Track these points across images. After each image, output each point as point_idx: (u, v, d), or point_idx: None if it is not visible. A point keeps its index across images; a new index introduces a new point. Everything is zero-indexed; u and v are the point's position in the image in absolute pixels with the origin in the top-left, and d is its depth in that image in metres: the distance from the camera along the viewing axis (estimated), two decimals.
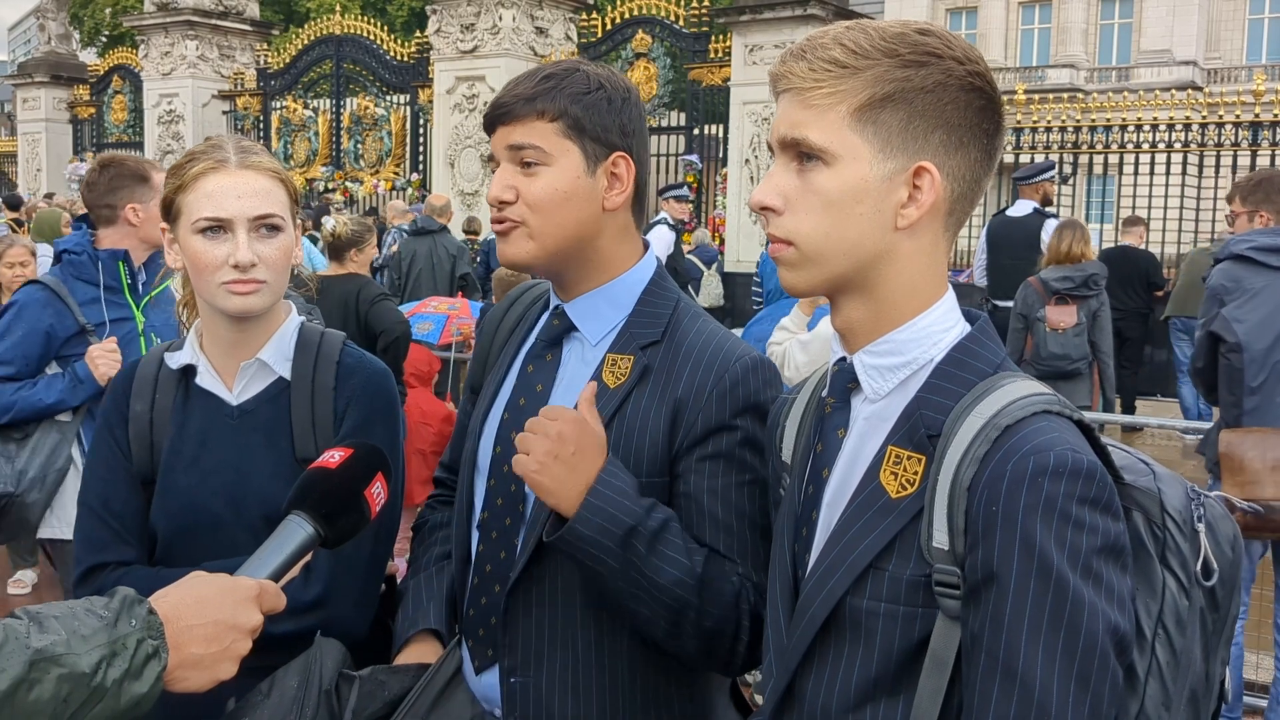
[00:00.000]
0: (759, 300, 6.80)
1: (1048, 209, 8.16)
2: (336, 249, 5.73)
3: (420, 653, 1.74)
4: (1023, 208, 8.10)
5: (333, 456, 1.53)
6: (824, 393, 1.37)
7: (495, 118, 1.64)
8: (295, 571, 1.79)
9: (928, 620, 1.18)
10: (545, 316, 1.75)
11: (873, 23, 1.28)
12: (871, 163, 1.24)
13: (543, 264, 1.65)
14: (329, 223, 5.76)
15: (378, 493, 1.54)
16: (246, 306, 1.79)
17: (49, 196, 15.89)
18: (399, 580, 1.96)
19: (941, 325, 1.29)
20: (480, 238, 11.90)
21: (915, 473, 1.21)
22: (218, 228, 1.77)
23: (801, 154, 1.27)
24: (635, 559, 1.48)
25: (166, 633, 1.27)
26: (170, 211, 1.83)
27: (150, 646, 1.24)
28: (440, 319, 7.90)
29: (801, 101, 1.26)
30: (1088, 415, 6.62)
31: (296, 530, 1.46)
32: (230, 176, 1.78)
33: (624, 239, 1.69)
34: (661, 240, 9.85)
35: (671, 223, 10.22)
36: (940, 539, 1.16)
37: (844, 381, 1.33)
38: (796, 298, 4.06)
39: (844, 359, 1.33)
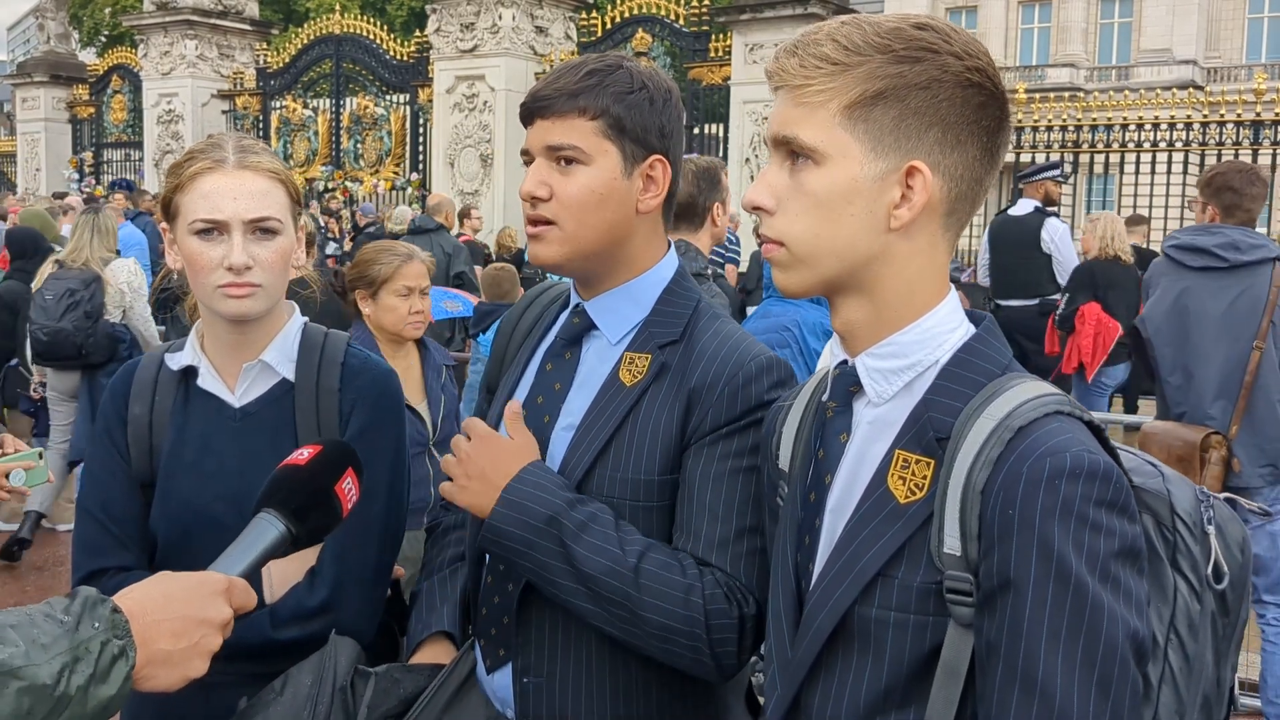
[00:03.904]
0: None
1: (1049, 208, 8.15)
2: (309, 243, 5.80)
3: (433, 655, 1.73)
4: (1024, 206, 8.11)
5: (302, 454, 1.51)
6: (824, 397, 1.34)
7: (534, 109, 1.61)
8: (299, 577, 1.79)
9: (939, 629, 1.15)
10: (565, 315, 1.74)
11: (869, 17, 1.24)
12: (863, 162, 1.21)
13: (573, 265, 1.63)
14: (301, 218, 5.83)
15: (349, 489, 1.53)
16: (241, 310, 1.76)
17: (59, 195, 15.81)
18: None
19: (946, 326, 1.26)
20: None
21: (924, 477, 1.18)
22: (213, 229, 1.74)
23: (793, 153, 1.24)
24: (559, 548, 1.49)
25: (133, 629, 1.23)
26: (169, 211, 1.80)
27: (116, 647, 1.20)
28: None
29: (793, 99, 1.23)
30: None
31: (267, 528, 1.44)
32: (227, 177, 1.75)
33: (652, 240, 1.67)
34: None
35: None
36: (952, 544, 1.13)
37: (846, 385, 1.29)
38: (790, 299, 4.05)
39: (845, 362, 1.30)
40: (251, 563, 1.41)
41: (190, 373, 1.87)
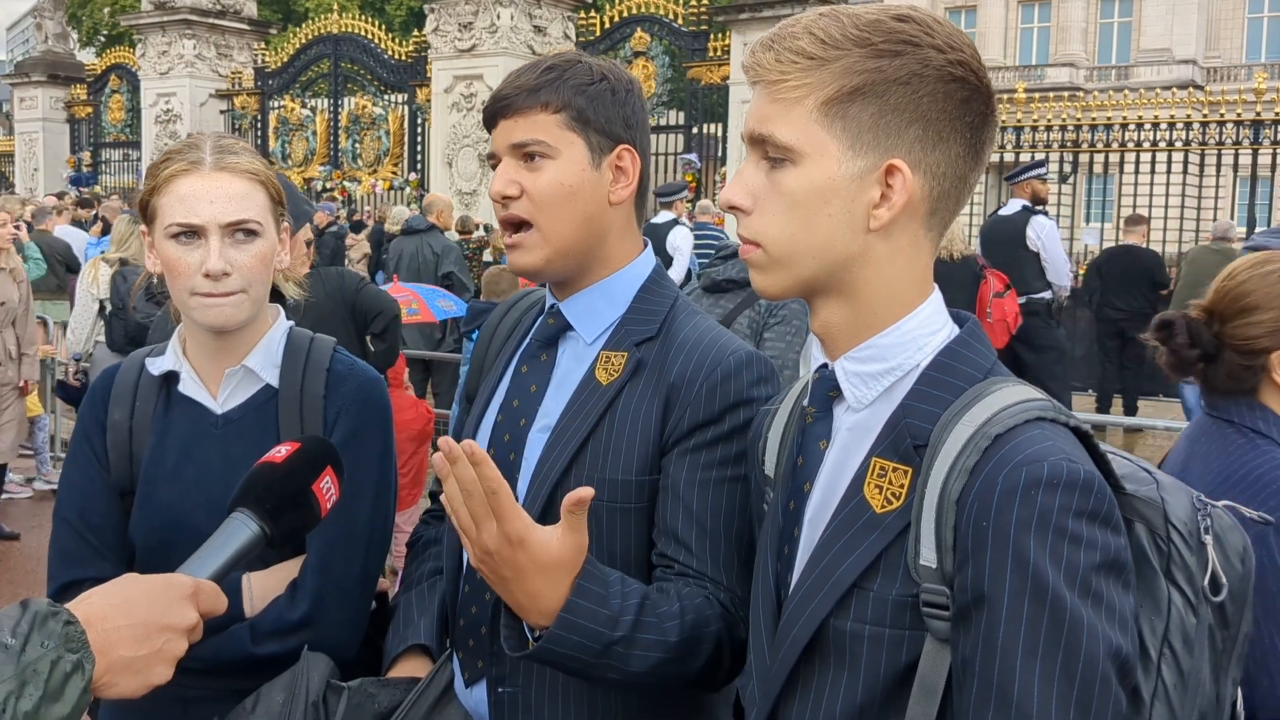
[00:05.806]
0: None
1: (1036, 206, 8.27)
2: (306, 244, 5.82)
3: (410, 668, 1.69)
4: (1012, 206, 8.37)
5: (279, 451, 1.47)
6: (805, 402, 1.30)
7: (496, 110, 1.60)
8: (281, 589, 1.74)
9: (915, 643, 1.11)
10: (541, 317, 1.71)
11: (848, 9, 1.20)
12: (840, 160, 1.17)
13: (554, 268, 1.60)
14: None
15: (327, 488, 1.47)
16: (222, 320, 1.72)
17: (59, 196, 15.78)
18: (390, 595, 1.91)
19: (928, 328, 1.21)
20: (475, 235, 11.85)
21: (901, 486, 1.14)
22: (190, 233, 1.70)
23: (769, 151, 1.20)
24: (614, 661, 1.37)
25: (89, 638, 1.17)
26: (147, 213, 1.76)
27: (69, 662, 1.14)
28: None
29: (770, 94, 1.19)
30: (1089, 418, 6.59)
31: (240, 529, 1.38)
32: (203, 179, 1.70)
33: (627, 235, 1.65)
34: (688, 240, 9.83)
35: (685, 222, 10.22)
36: (928, 556, 1.09)
37: (825, 390, 1.25)
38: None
39: (825, 366, 1.26)
40: (223, 565, 1.36)
41: (172, 378, 1.83)
